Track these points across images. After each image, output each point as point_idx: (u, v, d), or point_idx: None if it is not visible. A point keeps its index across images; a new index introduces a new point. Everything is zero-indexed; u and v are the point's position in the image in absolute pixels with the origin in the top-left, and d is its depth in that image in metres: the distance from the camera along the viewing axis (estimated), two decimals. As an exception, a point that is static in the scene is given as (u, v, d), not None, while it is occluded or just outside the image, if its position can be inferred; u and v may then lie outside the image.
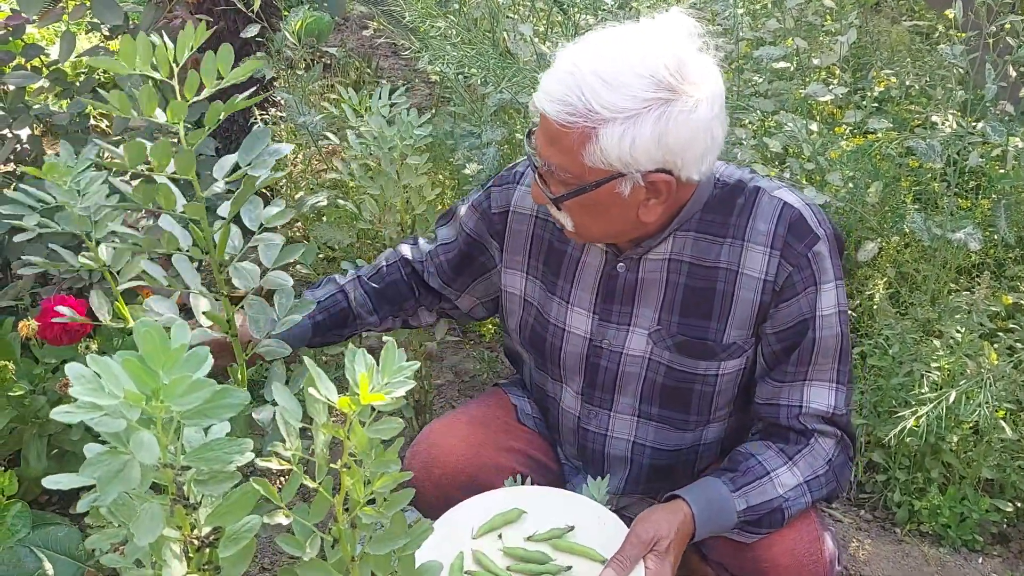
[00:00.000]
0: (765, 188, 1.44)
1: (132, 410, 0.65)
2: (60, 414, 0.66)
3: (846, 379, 1.47)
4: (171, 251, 1.19)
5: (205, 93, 1.11)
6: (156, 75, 1.07)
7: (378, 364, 0.83)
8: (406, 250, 1.73)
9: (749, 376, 1.51)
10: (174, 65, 1.08)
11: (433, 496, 1.56)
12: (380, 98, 1.98)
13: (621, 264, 1.49)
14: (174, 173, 1.10)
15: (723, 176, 1.45)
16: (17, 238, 1.31)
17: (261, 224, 1.21)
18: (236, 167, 1.18)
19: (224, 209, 1.18)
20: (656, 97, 1.26)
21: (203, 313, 1.24)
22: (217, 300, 1.26)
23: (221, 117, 1.10)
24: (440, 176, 2.85)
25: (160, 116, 1.09)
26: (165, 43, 1.06)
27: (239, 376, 1.34)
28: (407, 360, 0.84)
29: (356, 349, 0.83)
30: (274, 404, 1.30)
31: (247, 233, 1.24)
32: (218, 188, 1.19)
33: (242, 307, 1.24)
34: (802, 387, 1.45)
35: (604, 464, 1.62)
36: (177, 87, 1.09)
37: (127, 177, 1.31)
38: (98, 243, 1.34)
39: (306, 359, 0.85)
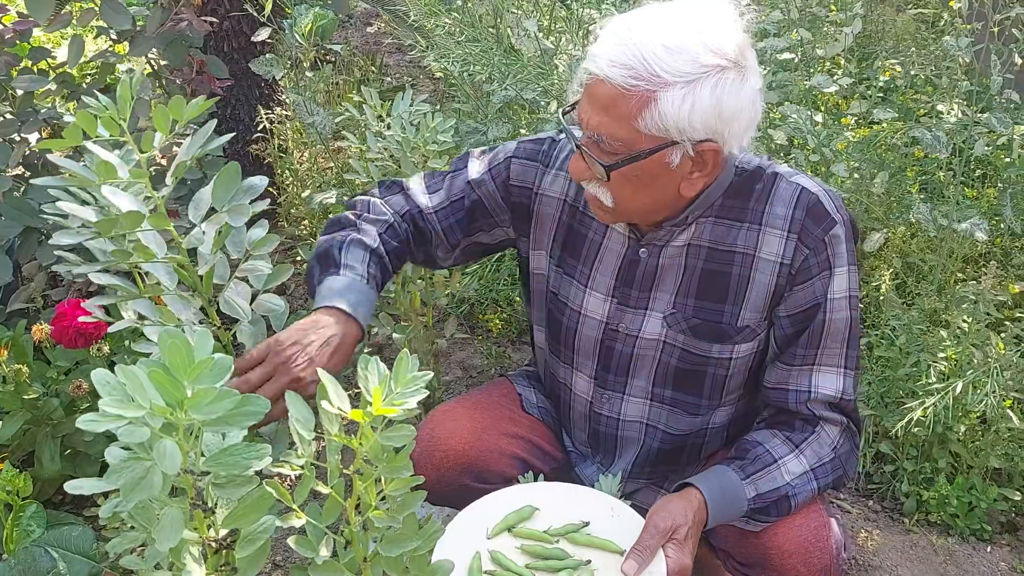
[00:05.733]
0: (783, 174, 1.46)
1: (155, 419, 0.66)
2: (86, 423, 0.67)
3: (854, 364, 1.48)
4: (160, 293, 1.20)
5: (160, 142, 1.13)
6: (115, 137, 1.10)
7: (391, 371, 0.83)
8: (405, 207, 1.61)
9: (760, 360, 1.52)
10: (122, 124, 1.10)
11: (434, 479, 1.57)
12: (404, 102, 1.99)
13: (643, 250, 1.50)
14: (148, 228, 1.11)
15: (742, 163, 1.47)
16: (58, 237, 1.28)
17: (247, 250, 1.21)
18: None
19: (206, 246, 1.18)
20: (714, 64, 1.28)
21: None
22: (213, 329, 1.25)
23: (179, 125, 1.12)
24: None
25: (123, 172, 1.10)
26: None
27: None
28: (420, 367, 0.85)
29: (369, 358, 0.84)
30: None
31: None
32: (197, 236, 1.18)
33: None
34: (811, 372, 1.46)
35: (616, 447, 1.64)
36: (134, 147, 1.11)
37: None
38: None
39: (320, 371, 0.86)
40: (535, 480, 1.53)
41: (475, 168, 1.62)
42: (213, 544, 0.86)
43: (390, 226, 1.56)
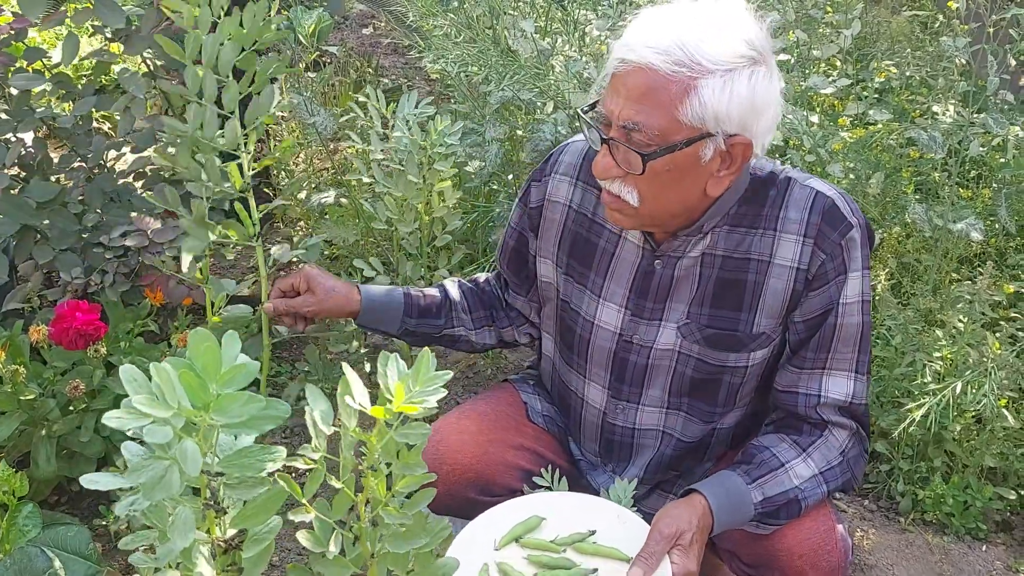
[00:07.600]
0: (796, 178, 1.46)
1: (178, 419, 0.66)
2: (112, 420, 0.67)
3: (865, 369, 1.48)
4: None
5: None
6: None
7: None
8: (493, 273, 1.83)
9: (774, 363, 1.52)
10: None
11: (441, 492, 1.54)
12: (408, 103, 2.00)
13: (658, 262, 1.49)
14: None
15: (755, 169, 1.47)
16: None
17: None
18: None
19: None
20: (749, 55, 1.30)
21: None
22: None
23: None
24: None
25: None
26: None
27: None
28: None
29: (389, 355, 0.84)
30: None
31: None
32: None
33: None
34: (821, 376, 1.46)
35: (631, 456, 1.63)
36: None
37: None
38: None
39: (344, 365, 0.86)
40: (553, 478, 1.53)
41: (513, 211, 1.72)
42: (222, 544, 0.86)
43: (469, 290, 1.78)
